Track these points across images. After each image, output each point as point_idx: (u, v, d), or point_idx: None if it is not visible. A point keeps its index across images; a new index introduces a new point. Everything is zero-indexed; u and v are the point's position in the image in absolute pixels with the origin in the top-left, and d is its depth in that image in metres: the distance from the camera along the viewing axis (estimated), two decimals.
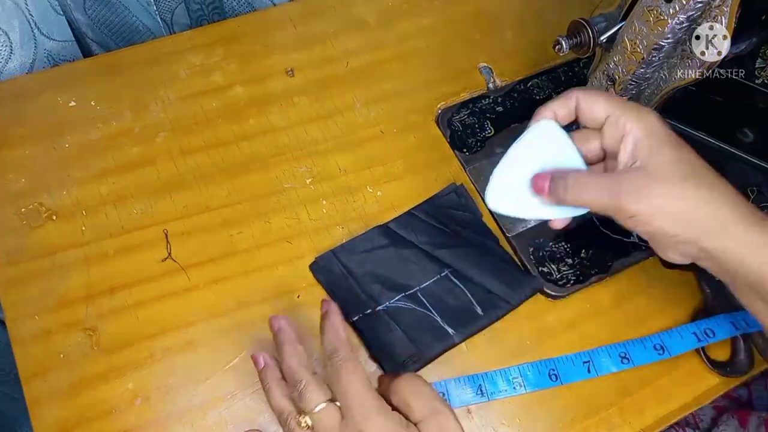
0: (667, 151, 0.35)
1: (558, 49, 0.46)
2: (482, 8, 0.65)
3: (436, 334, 0.46)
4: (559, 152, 0.39)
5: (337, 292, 0.47)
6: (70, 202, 0.50)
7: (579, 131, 0.40)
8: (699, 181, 0.35)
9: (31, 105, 0.54)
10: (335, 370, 0.35)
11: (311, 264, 0.49)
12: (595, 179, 0.37)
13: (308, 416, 0.35)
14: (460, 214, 0.52)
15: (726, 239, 0.35)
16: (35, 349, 0.45)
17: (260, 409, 0.44)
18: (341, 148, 0.55)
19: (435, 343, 0.45)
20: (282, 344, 0.38)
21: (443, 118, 0.58)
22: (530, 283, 0.49)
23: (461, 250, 0.49)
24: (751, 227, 0.34)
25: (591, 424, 0.45)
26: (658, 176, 0.35)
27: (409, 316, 0.46)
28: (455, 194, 0.53)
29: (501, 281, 0.48)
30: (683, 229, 0.35)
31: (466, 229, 0.51)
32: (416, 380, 0.36)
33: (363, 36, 0.61)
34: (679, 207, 0.35)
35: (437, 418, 0.34)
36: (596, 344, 0.48)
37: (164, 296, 0.47)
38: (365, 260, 0.49)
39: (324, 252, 0.49)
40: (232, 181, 0.52)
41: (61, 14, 0.56)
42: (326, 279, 0.48)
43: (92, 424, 0.43)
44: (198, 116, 0.55)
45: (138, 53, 0.58)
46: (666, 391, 0.47)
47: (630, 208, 0.35)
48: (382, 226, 0.51)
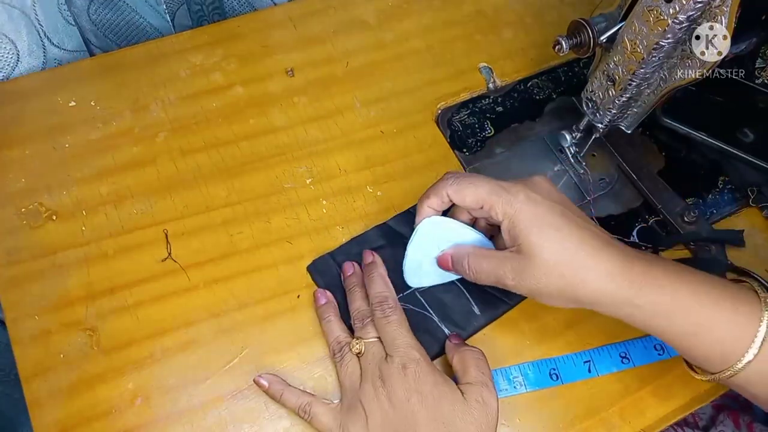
0: (536, 232, 0.38)
1: (558, 49, 0.46)
2: (482, 8, 0.65)
3: (434, 335, 0.46)
4: (454, 236, 0.44)
5: (335, 294, 0.47)
6: (70, 202, 0.50)
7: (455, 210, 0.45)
8: (572, 255, 0.37)
9: (31, 105, 0.54)
10: (385, 316, 0.42)
11: (308, 266, 0.49)
12: (485, 262, 0.41)
13: (362, 342, 0.42)
14: None
15: (600, 306, 0.38)
16: (35, 349, 0.45)
17: (260, 409, 0.44)
18: (341, 148, 0.55)
19: (433, 343, 0.45)
20: (356, 288, 0.46)
21: (443, 118, 0.58)
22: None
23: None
24: (624, 288, 0.37)
25: (591, 424, 0.45)
26: (533, 258, 0.38)
27: (408, 316, 0.46)
28: None
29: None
30: (562, 301, 0.39)
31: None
32: (482, 356, 0.42)
33: (363, 36, 0.61)
34: (556, 285, 0.38)
35: (483, 389, 0.40)
36: (596, 344, 0.48)
37: (164, 296, 0.47)
38: (362, 262, 0.49)
39: (321, 255, 0.49)
40: (232, 181, 0.52)
41: (73, 24, 0.56)
42: (324, 281, 0.48)
43: (92, 424, 0.43)
44: (198, 116, 0.55)
45: (138, 53, 0.58)
46: (666, 391, 0.47)
47: (514, 288, 0.40)
48: (380, 226, 0.51)
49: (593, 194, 0.55)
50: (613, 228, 0.53)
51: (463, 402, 0.39)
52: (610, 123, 0.50)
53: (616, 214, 0.54)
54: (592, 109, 0.50)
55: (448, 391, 0.39)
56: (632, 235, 0.53)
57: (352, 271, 0.47)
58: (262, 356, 0.46)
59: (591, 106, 0.50)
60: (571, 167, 0.56)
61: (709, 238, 0.51)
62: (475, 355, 0.42)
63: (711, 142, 0.55)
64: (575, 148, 0.55)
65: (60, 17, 0.55)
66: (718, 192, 0.56)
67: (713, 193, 0.55)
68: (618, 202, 0.55)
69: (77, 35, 0.58)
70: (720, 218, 0.54)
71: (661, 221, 0.54)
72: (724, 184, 0.56)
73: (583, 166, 0.55)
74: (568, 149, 0.55)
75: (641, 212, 0.54)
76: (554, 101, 0.60)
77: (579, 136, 0.53)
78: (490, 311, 0.47)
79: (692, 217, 0.53)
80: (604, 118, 0.49)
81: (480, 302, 0.47)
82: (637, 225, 0.54)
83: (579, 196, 0.55)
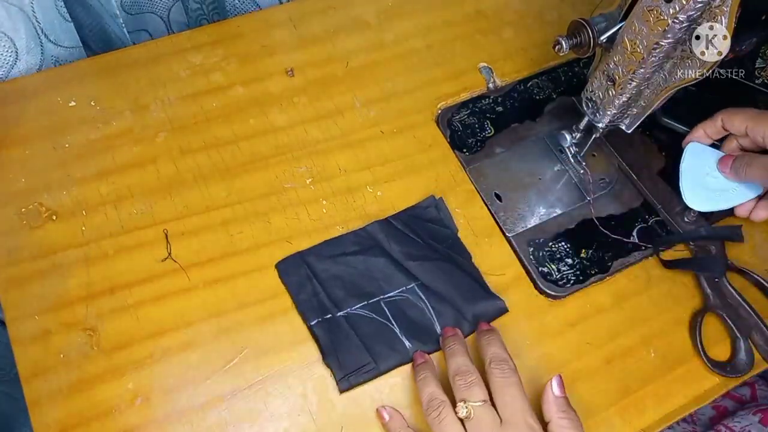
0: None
1: (558, 49, 0.46)
2: (482, 8, 0.65)
3: (393, 346, 0.45)
4: (713, 159, 0.51)
5: (300, 294, 0.47)
6: (70, 202, 0.50)
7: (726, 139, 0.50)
8: None
9: (31, 105, 0.54)
10: (505, 377, 0.40)
11: (277, 264, 0.48)
12: (760, 160, 0.47)
13: (469, 405, 0.39)
14: (437, 229, 0.51)
15: None
16: (35, 349, 0.45)
17: (260, 409, 0.44)
18: (341, 148, 0.55)
19: (391, 354, 0.45)
20: (456, 344, 0.43)
21: (443, 118, 0.58)
22: (495, 305, 0.48)
23: (432, 264, 0.49)
24: None
25: (591, 424, 0.45)
26: None
27: (368, 325, 0.46)
28: (434, 208, 0.52)
29: (466, 299, 0.48)
30: None
31: (441, 243, 0.51)
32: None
33: (363, 36, 0.61)
34: None
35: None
36: (596, 344, 0.48)
37: (164, 296, 0.47)
38: (333, 265, 0.48)
39: (291, 254, 0.49)
40: (232, 181, 0.52)
41: (69, 21, 0.56)
42: (290, 281, 0.48)
43: (92, 424, 0.43)
44: (198, 116, 0.55)
45: (138, 53, 0.58)
46: (666, 391, 0.47)
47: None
48: (357, 232, 0.50)
49: (593, 194, 0.55)
50: (613, 228, 0.53)
51: None
52: (610, 123, 0.50)
53: (616, 214, 0.54)
54: (592, 109, 0.50)
55: None
56: (632, 235, 0.53)
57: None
58: (262, 356, 0.46)
59: (591, 106, 0.50)
60: (571, 167, 0.56)
61: (708, 235, 0.51)
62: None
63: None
64: (575, 148, 0.55)
65: (57, 14, 0.55)
66: None
67: None
68: (618, 202, 0.55)
69: (73, 32, 0.57)
70: (720, 218, 0.54)
71: (661, 221, 0.54)
72: None
73: (583, 166, 0.55)
74: (568, 149, 0.55)
75: (641, 212, 0.54)
76: (554, 101, 0.60)
77: (579, 136, 0.53)
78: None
79: (692, 217, 0.53)
80: (604, 118, 0.49)
81: (442, 320, 0.47)
82: (637, 225, 0.54)
83: (579, 196, 0.55)
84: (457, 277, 0.49)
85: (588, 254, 0.52)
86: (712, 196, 0.50)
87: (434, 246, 0.50)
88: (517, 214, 0.54)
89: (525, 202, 0.54)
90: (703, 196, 0.50)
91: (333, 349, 0.45)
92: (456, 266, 0.49)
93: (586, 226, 0.53)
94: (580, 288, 0.50)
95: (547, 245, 0.52)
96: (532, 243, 0.52)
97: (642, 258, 0.52)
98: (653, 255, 0.52)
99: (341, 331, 0.46)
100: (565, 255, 0.52)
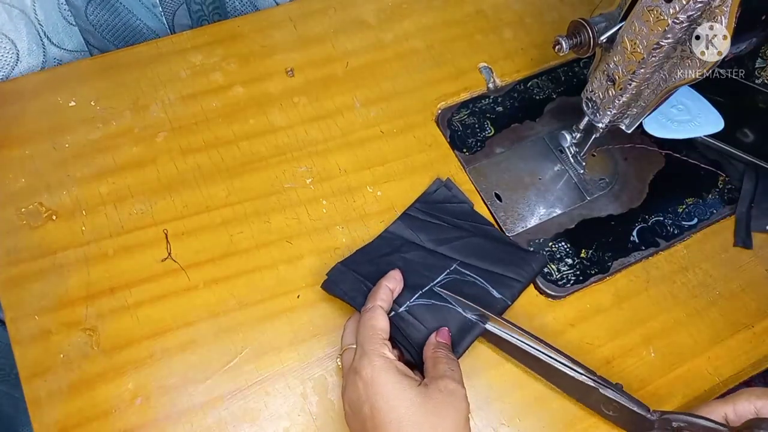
0: None
1: (558, 49, 0.46)
2: (482, 8, 0.65)
3: (462, 327, 0.45)
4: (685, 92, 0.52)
5: (358, 297, 0.46)
6: (70, 202, 0.50)
7: None
8: None
9: (31, 105, 0.54)
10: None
11: (323, 284, 0.47)
12: None
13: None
14: (454, 207, 0.52)
15: None
16: (35, 349, 0.45)
17: (260, 409, 0.44)
18: (341, 148, 0.55)
19: (465, 335, 0.45)
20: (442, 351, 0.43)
21: (443, 118, 0.58)
22: (536, 259, 0.50)
23: (463, 242, 0.50)
24: None
25: (591, 424, 0.45)
26: None
27: (433, 312, 0.45)
28: (445, 188, 0.53)
29: (508, 263, 0.49)
30: None
31: (463, 219, 0.52)
32: (452, 355, 0.42)
33: (363, 36, 0.61)
34: None
35: (448, 381, 0.39)
36: (596, 344, 0.48)
37: (164, 296, 0.47)
38: (375, 267, 0.48)
39: (331, 267, 0.48)
40: (232, 181, 0.52)
41: (73, 24, 0.56)
42: (343, 290, 0.47)
43: (92, 424, 0.43)
44: (198, 116, 0.55)
45: (138, 53, 0.58)
46: (666, 391, 0.47)
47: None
48: (382, 235, 0.50)
49: (593, 194, 0.55)
50: (613, 228, 0.53)
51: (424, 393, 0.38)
52: (610, 123, 0.50)
53: (616, 214, 0.54)
54: (592, 109, 0.50)
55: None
56: (632, 235, 0.53)
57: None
58: (262, 356, 0.46)
59: (591, 106, 0.50)
60: (571, 167, 0.56)
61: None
62: (445, 353, 0.42)
63: (711, 142, 0.55)
64: (575, 148, 0.55)
65: (60, 17, 0.55)
66: (718, 192, 0.56)
67: (713, 193, 0.55)
68: (618, 202, 0.55)
69: (77, 35, 0.58)
70: (720, 218, 0.54)
71: (661, 221, 0.54)
72: (724, 184, 0.56)
73: (583, 166, 0.55)
74: (568, 149, 0.55)
75: (641, 212, 0.54)
76: (554, 101, 0.60)
77: (579, 136, 0.53)
78: (508, 292, 0.48)
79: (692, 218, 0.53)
80: (604, 118, 0.49)
81: (497, 286, 0.48)
82: (637, 225, 0.54)
83: (579, 196, 0.55)
84: (491, 246, 0.50)
85: (588, 254, 0.52)
86: (670, 125, 0.51)
87: (458, 224, 0.51)
88: (517, 214, 0.54)
89: (525, 202, 0.54)
90: (663, 123, 0.51)
91: (409, 344, 0.44)
92: (486, 237, 0.51)
93: (586, 226, 0.53)
94: (580, 288, 0.50)
95: (547, 245, 0.52)
96: (532, 243, 0.52)
97: (642, 258, 0.52)
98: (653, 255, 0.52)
99: (409, 326, 0.45)
100: (565, 255, 0.52)
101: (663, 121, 0.51)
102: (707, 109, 0.52)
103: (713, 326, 0.50)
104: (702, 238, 0.53)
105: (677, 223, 0.54)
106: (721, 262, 0.52)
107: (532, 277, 0.49)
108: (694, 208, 0.54)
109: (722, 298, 0.51)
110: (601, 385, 0.42)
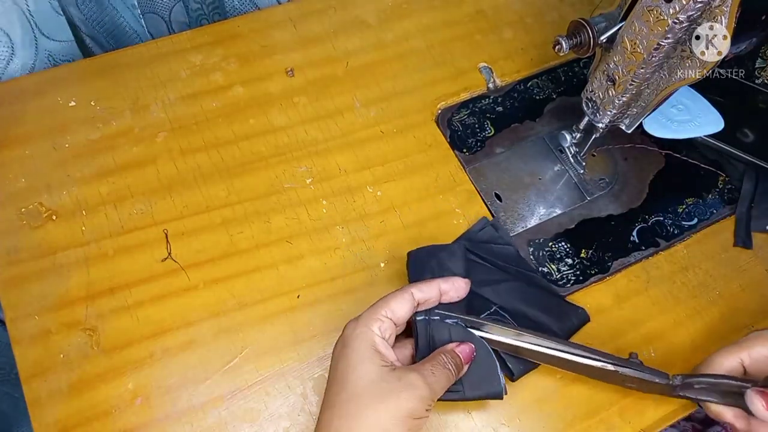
0: None
1: (558, 49, 0.46)
2: (482, 8, 0.65)
3: (485, 376, 0.42)
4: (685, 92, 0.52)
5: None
6: (70, 202, 0.50)
7: None
8: None
9: (31, 105, 0.54)
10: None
11: (409, 252, 0.47)
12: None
13: None
14: (499, 248, 0.50)
15: None
16: (35, 349, 0.45)
17: (260, 409, 0.44)
18: (341, 148, 0.55)
19: (481, 384, 0.42)
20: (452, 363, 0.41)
21: (443, 118, 0.58)
22: (578, 314, 0.48)
23: (507, 285, 0.48)
24: None
25: (591, 424, 0.45)
26: None
27: (462, 337, 0.43)
28: (492, 227, 0.51)
29: (549, 314, 0.47)
30: None
31: (507, 263, 0.50)
32: (453, 368, 0.40)
33: (363, 36, 0.61)
34: None
35: (415, 374, 0.37)
36: (596, 344, 0.48)
37: (164, 296, 0.47)
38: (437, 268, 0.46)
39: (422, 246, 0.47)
40: (232, 181, 0.52)
41: (61, 14, 0.56)
42: (417, 269, 0.46)
43: (92, 424, 0.43)
44: (198, 116, 0.55)
45: (138, 53, 0.58)
46: None
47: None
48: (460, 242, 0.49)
49: (593, 194, 0.55)
50: (613, 228, 0.53)
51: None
52: (610, 123, 0.50)
53: (616, 214, 0.54)
54: (592, 109, 0.50)
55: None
56: (632, 235, 0.53)
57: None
58: (262, 356, 0.46)
59: (591, 106, 0.50)
60: (571, 167, 0.56)
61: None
62: (446, 361, 0.40)
63: (711, 142, 0.55)
64: (575, 148, 0.55)
65: (49, 7, 0.55)
66: (718, 192, 0.56)
67: (713, 193, 0.55)
68: (618, 202, 0.55)
69: (65, 26, 0.57)
70: (720, 218, 0.54)
71: (661, 221, 0.54)
72: (724, 184, 0.56)
73: (583, 166, 0.55)
74: (568, 149, 0.55)
75: (641, 212, 0.54)
76: (554, 101, 0.60)
77: (579, 136, 0.53)
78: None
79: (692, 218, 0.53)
80: (604, 118, 0.49)
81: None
82: (637, 225, 0.54)
83: (579, 196, 0.55)
84: (533, 295, 0.48)
85: (588, 254, 0.52)
86: (670, 125, 0.51)
87: (502, 266, 0.49)
88: (517, 214, 0.54)
89: (525, 202, 0.54)
90: (663, 123, 0.51)
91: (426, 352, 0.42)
92: (529, 284, 0.49)
93: (586, 226, 0.53)
94: (580, 288, 0.50)
95: (547, 245, 0.52)
96: (532, 243, 0.52)
97: (642, 258, 0.52)
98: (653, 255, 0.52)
99: (437, 336, 0.42)
100: (565, 255, 0.52)
101: (663, 121, 0.51)
102: (707, 109, 0.52)
103: (713, 326, 0.50)
104: (702, 238, 0.53)
105: (677, 223, 0.54)
106: (721, 262, 0.52)
107: (571, 332, 0.48)
108: (694, 208, 0.54)
109: (722, 298, 0.51)
110: (619, 367, 0.42)
